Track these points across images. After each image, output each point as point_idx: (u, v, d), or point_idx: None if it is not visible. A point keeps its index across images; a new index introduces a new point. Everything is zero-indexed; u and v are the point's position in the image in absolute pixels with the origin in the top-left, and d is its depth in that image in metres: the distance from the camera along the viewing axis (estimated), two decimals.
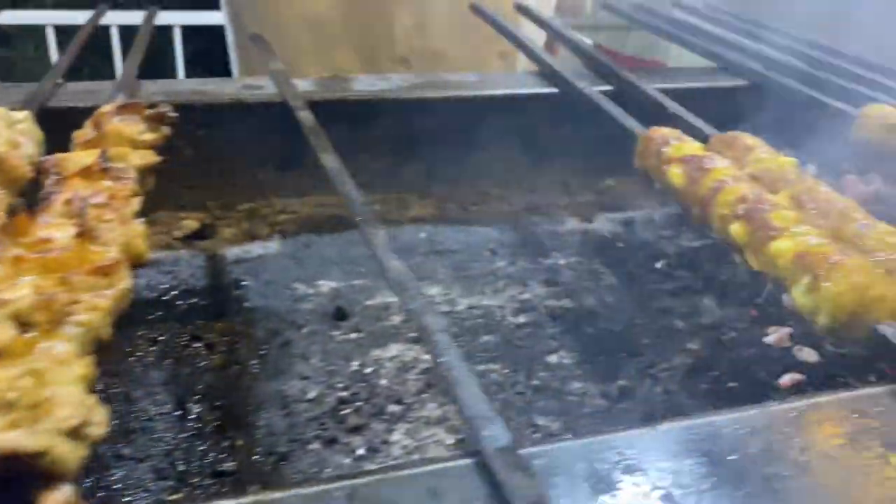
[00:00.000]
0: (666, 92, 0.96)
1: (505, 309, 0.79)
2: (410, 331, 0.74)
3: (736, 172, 0.65)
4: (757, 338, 0.74)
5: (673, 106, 0.87)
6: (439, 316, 0.47)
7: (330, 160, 0.69)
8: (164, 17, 3.39)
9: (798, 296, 0.51)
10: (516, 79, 1.12)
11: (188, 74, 3.65)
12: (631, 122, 0.80)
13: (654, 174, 0.72)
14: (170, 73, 3.59)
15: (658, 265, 0.88)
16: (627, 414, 0.65)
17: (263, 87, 0.92)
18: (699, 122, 0.82)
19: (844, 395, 0.43)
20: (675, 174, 0.68)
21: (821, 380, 0.68)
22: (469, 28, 1.37)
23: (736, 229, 0.59)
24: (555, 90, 0.99)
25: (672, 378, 0.69)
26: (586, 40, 2.72)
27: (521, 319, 0.78)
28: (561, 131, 1.03)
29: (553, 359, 0.72)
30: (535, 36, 1.36)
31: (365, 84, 0.96)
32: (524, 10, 1.35)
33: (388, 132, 0.95)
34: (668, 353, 0.73)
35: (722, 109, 0.98)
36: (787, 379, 0.68)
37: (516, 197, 1.04)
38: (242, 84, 0.93)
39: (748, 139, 0.73)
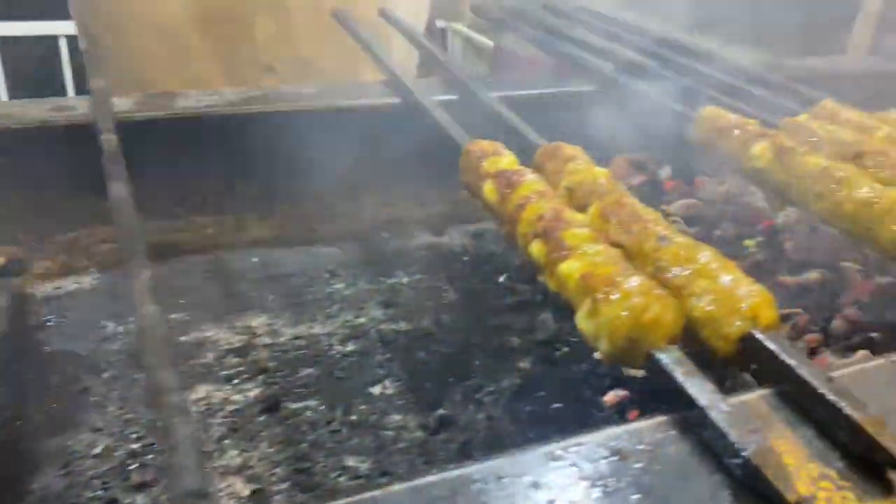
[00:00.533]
0: (514, 99, 0.94)
1: (333, 337, 0.75)
2: (224, 368, 0.69)
3: (543, 188, 0.62)
4: (588, 352, 0.72)
5: (508, 116, 0.84)
6: (172, 373, 0.42)
7: (117, 189, 0.63)
8: (49, 27, 3.21)
9: (580, 320, 0.48)
10: (362, 89, 1.08)
11: (79, 89, 3.46)
12: (457, 132, 0.77)
13: (473, 190, 0.69)
14: (59, 87, 3.40)
15: (501, 279, 0.85)
16: (444, 445, 0.62)
17: (75, 108, 0.85)
18: (531, 134, 0.79)
19: (605, 432, 0.41)
20: (489, 190, 0.65)
21: (646, 395, 0.66)
22: (338, 35, 1.32)
23: (535, 248, 0.56)
24: (397, 100, 0.96)
25: (497, 402, 0.66)
26: (488, 42, 2.73)
27: (350, 347, 0.74)
28: (412, 141, 0.99)
29: (376, 390, 0.68)
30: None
31: (191, 100, 0.90)
32: (386, 16, 1.31)
33: (219, 149, 0.89)
34: (498, 374, 0.70)
35: (571, 115, 0.97)
36: (611, 395, 0.66)
37: (367, 212, 0.99)
38: (52, 105, 0.86)
39: (568, 150, 0.70)
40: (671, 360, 0.44)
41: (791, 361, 0.44)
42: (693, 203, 0.98)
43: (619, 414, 0.64)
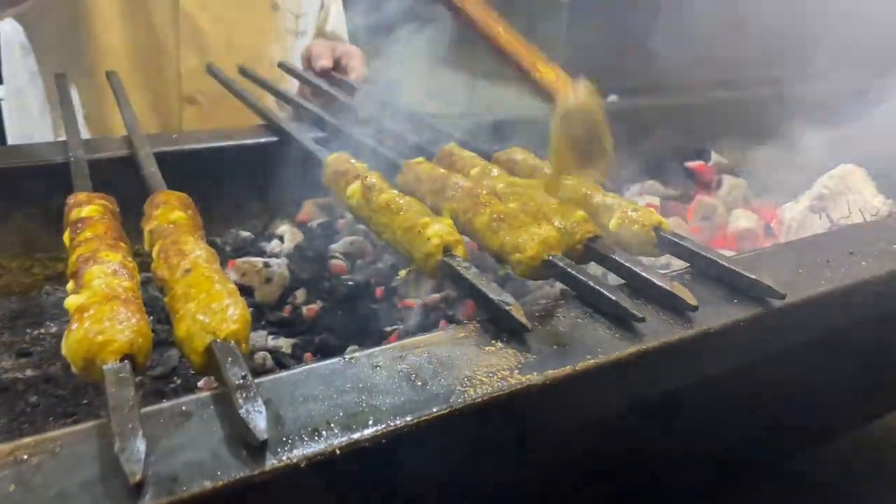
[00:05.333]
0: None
1: None
2: None
3: (101, 232, 0.68)
4: (195, 382, 0.78)
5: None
6: None
7: None
8: None
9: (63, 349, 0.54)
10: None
11: None
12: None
13: None
14: None
15: None
16: None
17: None
18: None
19: None
20: (66, 236, 0.70)
21: None
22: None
23: (68, 287, 0.62)
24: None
25: None
26: None
27: None
28: None
29: None
30: None
31: None
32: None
33: None
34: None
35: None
36: None
37: None
38: None
39: (159, 197, 0.77)
40: (113, 371, 0.50)
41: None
42: (357, 241, 1.07)
43: None
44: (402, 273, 1.00)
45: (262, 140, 1.15)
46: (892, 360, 0.94)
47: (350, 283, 0.96)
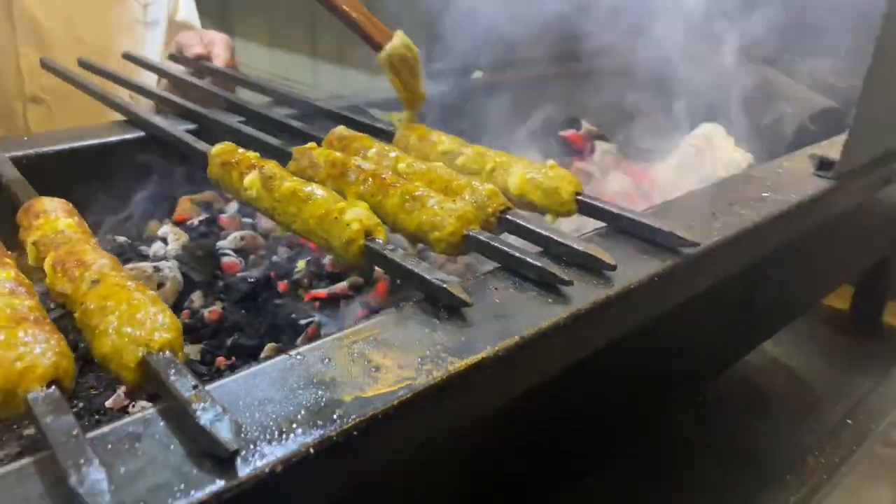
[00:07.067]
0: None
1: None
2: None
3: None
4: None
5: None
6: None
7: None
8: None
9: None
10: None
11: None
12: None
13: None
14: None
15: None
16: None
17: None
18: None
19: None
20: None
21: None
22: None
23: None
24: None
25: None
26: None
27: None
28: None
29: None
30: None
31: None
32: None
33: None
34: None
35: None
36: None
37: None
38: None
39: (41, 205, 0.69)
40: (43, 399, 0.45)
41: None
42: (247, 235, 1.02)
43: None
44: (301, 264, 0.97)
45: (127, 136, 1.06)
46: (764, 299, 1.03)
47: (250, 279, 0.91)
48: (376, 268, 0.95)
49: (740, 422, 1.25)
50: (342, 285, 0.90)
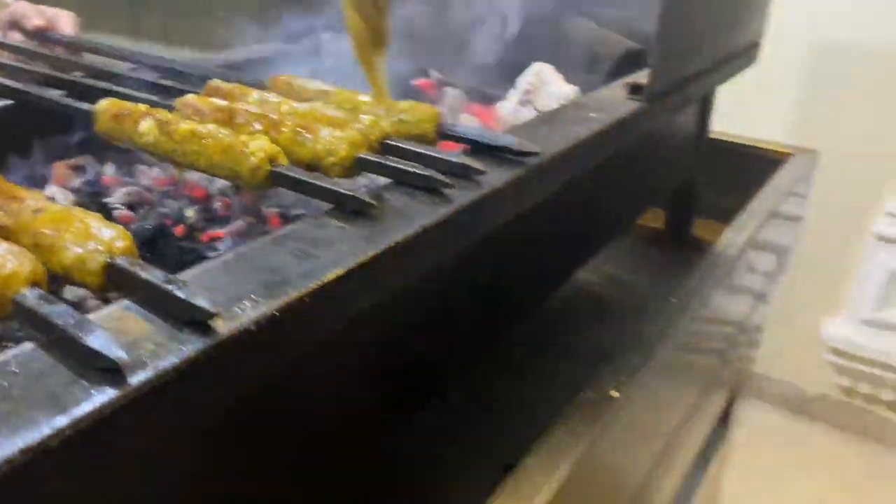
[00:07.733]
0: None
1: None
2: None
3: None
4: None
5: None
6: None
7: None
8: None
9: None
10: None
11: None
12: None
13: None
14: None
15: None
16: None
17: None
18: None
19: None
20: None
21: None
22: None
23: None
24: None
25: None
26: None
27: None
28: None
29: None
30: None
31: None
32: None
33: None
34: None
35: None
36: None
37: None
38: None
39: None
40: (33, 296, 0.52)
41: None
42: (133, 190, 1.06)
43: None
44: (191, 212, 1.03)
45: None
46: (594, 212, 1.23)
47: (146, 226, 0.97)
48: (265, 208, 1.05)
49: (588, 325, 1.46)
50: (238, 223, 0.98)
